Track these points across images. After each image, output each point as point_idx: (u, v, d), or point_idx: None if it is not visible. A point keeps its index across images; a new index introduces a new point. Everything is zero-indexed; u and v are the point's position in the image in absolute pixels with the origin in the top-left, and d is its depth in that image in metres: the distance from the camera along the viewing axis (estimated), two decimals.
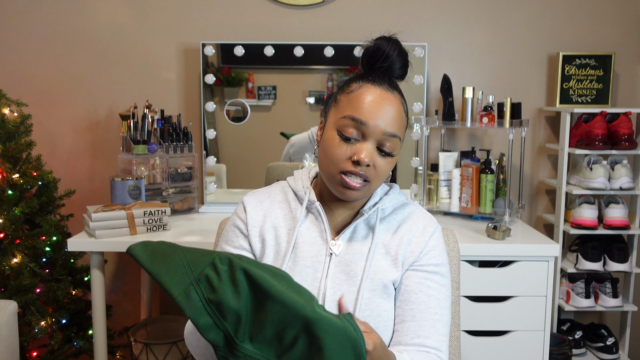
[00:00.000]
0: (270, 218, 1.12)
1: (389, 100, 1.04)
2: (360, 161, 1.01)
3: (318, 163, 1.09)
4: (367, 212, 1.10)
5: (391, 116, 1.03)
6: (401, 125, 1.05)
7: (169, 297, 2.50)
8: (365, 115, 1.01)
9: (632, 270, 2.24)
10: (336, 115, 1.05)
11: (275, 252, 1.10)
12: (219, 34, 2.37)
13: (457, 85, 2.34)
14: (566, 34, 2.40)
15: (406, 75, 1.11)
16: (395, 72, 1.09)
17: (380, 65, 1.07)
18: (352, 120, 1.02)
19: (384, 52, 1.06)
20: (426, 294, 1.07)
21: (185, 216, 2.17)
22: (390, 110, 1.03)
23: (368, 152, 1.01)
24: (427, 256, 1.10)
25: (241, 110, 2.32)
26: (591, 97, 2.38)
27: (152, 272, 0.81)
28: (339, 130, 1.03)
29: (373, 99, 1.02)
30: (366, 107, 1.02)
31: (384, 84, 1.05)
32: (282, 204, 1.14)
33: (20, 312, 1.93)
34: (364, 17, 2.37)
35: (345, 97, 1.05)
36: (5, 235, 1.96)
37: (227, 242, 1.14)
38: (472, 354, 1.89)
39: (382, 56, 1.07)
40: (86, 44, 2.38)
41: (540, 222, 2.51)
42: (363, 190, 1.05)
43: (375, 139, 1.02)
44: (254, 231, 1.12)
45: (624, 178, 2.16)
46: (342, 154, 1.02)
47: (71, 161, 2.44)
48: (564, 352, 2.14)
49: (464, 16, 2.38)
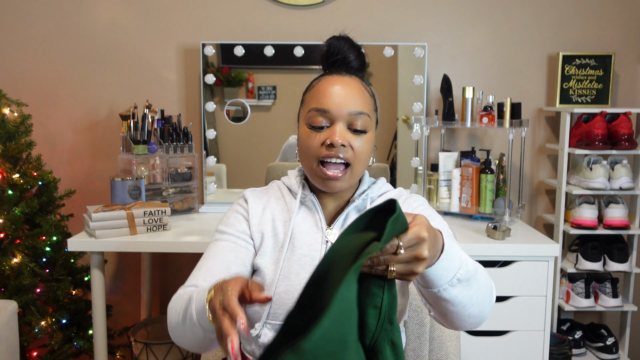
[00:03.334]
0: (269, 210, 1.16)
1: (346, 82, 1.10)
2: (333, 142, 1.06)
3: (301, 163, 1.15)
4: (357, 199, 1.15)
5: (352, 96, 1.08)
6: (365, 103, 1.10)
7: (168, 297, 2.51)
8: (327, 102, 1.07)
9: (632, 270, 2.24)
10: (304, 112, 1.12)
11: (273, 242, 1.13)
12: (219, 34, 2.37)
13: (457, 85, 2.34)
14: (566, 34, 2.40)
15: (365, 67, 1.18)
16: (352, 63, 1.15)
17: (335, 59, 1.14)
18: (317, 111, 1.08)
19: (335, 47, 1.14)
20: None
21: (185, 216, 2.17)
22: (350, 91, 1.09)
23: (339, 132, 1.07)
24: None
25: (241, 110, 2.32)
26: (591, 97, 2.38)
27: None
28: (308, 124, 1.10)
29: (331, 86, 1.09)
30: (327, 95, 1.08)
31: (341, 72, 1.12)
32: (279, 199, 1.19)
33: (20, 312, 1.93)
34: (364, 17, 2.37)
35: (308, 94, 1.13)
36: (6, 235, 1.96)
37: (229, 226, 1.15)
38: (472, 354, 1.89)
39: (334, 52, 1.14)
40: (86, 44, 2.38)
41: (540, 222, 2.51)
42: (345, 178, 1.09)
43: (343, 121, 1.08)
44: (254, 221, 1.15)
45: (624, 178, 2.16)
46: (315, 142, 1.08)
47: (71, 161, 2.44)
48: (564, 352, 2.14)
49: (464, 16, 2.38)
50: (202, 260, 1.12)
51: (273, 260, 1.12)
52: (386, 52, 2.25)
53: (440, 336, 1.37)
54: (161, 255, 2.49)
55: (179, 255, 2.49)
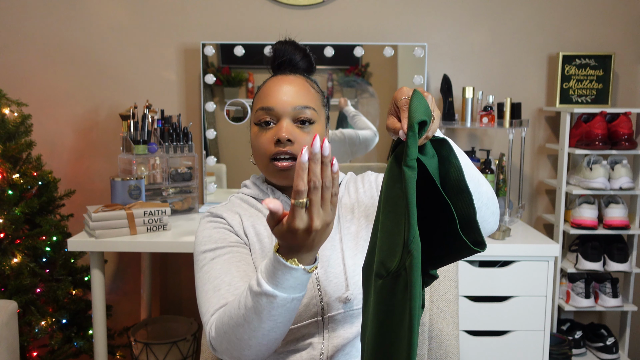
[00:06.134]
0: (246, 217, 1.15)
1: (289, 80, 1.12)
2: (280, 138, 1.07)
3: (256, 164, 1.15)
4: None
5: (295, 92, 1.10)
6: (310, 97, 1.11)
7: (168, 297, 2.51)
8: (271, 101, 1.09)
9: (632, 270, 2.24)
10: (252, 114, 1.14)
11: (260, 248, 1.12)
12: (219, 34, 2.37)
13: (457, 85, 2.34)
14: (566, 34, 2.40)
15: (313, 68, 1.20)
16: (298, 64, 1.17)
17: (281, 60, 1.16)
18: (262, 110, 1.10)
19: (280, 51, 1.16)
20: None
21: (185, 216, 2.17)
22: (293, 87, 1.10)
23: (284, 128, 1.08)
24: (370, 191, 1.19)
25: (241, 110, 2.32)
26: (591, 97, 2.38)
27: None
28: (256, 123, 1.11)
29: (274, 85, 1.11)
30: (271, 94, 1.10)
31: (285, 72, 1.15)
32: (249, 209, 1.17)
33: (20, 312, 1.93)
34: (364, 17, 2.37)
35: (256, 97, 1.15)
36: (6, 235, 1.96)
37: (217, 241, 1.09)
38: (472, 354, 1.89)
39: (280, 54, 1.16)
40: (86, 43, 2.38)
41: (540, 222, 2.51)
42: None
43: (289, 117, 1.09)
44: (240, 231, 1.14)
45: (624, 178, 2.16)
46: (265, 140, 1.09)
47: (71, 161, 2.44)
48: (564, 352, 2.14)
49: (464, 16, 2.38)
50: (212, 281, 1.03)
51: None
52: (386, 52, 2.25)
53: (439, 335, 1.37)
54: (161, 255, 2.49)
55: (179, 255, 2.49)
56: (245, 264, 1.07)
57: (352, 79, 2.31)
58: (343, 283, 1.07)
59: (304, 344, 1.07)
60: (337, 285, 1.07)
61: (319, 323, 1.07)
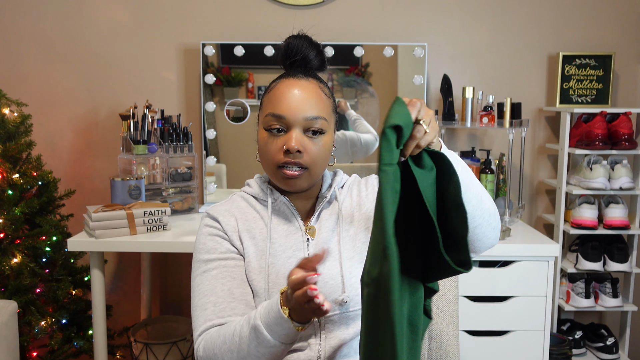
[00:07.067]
0: (242, 221, 1.15)
1: (302, 86, 1.09)
2: (289, 149, 1.06)
3: (261, 165, 1.15)
4: (326, 193, 1.17)
5: (308, 101, 1.08)
6: (322, 107, 1.09)
7: (168, 297, 2.51)
8: (282, 108, 1.07)
9: (632, 270, 2.24)
10: (262, 116, 1.12)
11: (254, 251, 1.12)
12: (219, 34, 2.37)
13: (457, 85, 2.34)
14: (566, 34, 2.40)
15: (326, 66, 1.17)
16: (311, 62, 1.14)
17: (294, 59, 1.13)
18: (273, 116, 1.08)
19: (294, 46, 1.13)
20: None
21: (185, 216, 2.17)
22: (305, 96, 1.08)
23: (295, 139, 1.06)
24: (368, 198, 1.19)
25: (241, 110, 2.32)
26: (591, 97, 2.38)
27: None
28: (265, 128, 1.10)
29: (287, 91, 1.08)
30: (282, 100, 1.08)
31: (297, 74, 1.11)
32: (247, 209, 1.18)
33: (20, 312, 1.93)
34: (364, 17, 2.37)
35: (266, 98, 1.13)
36: (5, 235, 1.96)
37: (210, 252, 1.13)
38: (472, 354, 1.88)
39: (293, 51, 1.13)
40: (86, 43, 2.38)
41: (540, 222, 2.51)
42: (304, 177, 1.10)
43: (299, 126, 1.08)
44: (234, 235, 1.14)
45: (624, 178, 2.16)
46: (274, 147, 1.08)
47: (71, 161, 2.44)
48: (564, 352, 2.14)
49: (464, 16, 2.38)
50: (201, 297, 1.09)
51: (258, 270, 1.11)
52: (386, 52, 2.25)
53: (439, 335, 1.37)
54: (161, 255, 2.49)
55: (179, 255, 2.49)
56: (230, 279, 1.09)
57: (352, 79, 2.31)
58: (340, 285, 1.07)
59: (302, 345, 1.08)
60: (333, 287, 1.07)
61: (315, 324, 1.08)
